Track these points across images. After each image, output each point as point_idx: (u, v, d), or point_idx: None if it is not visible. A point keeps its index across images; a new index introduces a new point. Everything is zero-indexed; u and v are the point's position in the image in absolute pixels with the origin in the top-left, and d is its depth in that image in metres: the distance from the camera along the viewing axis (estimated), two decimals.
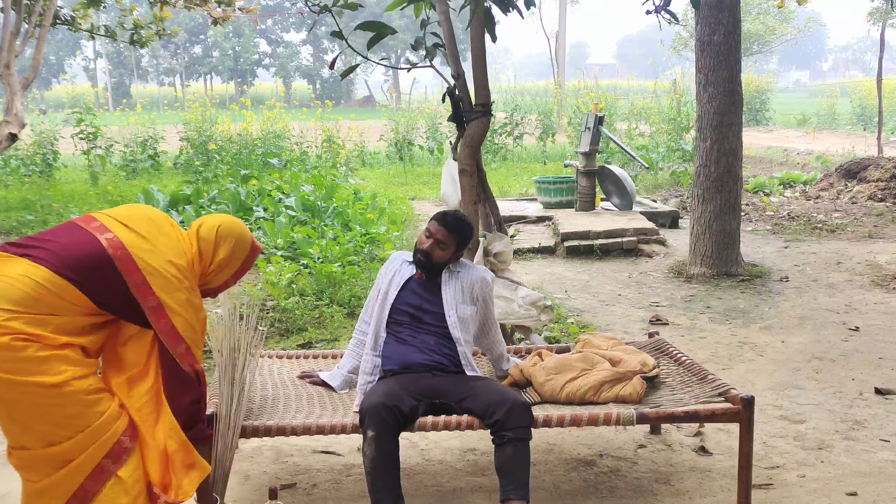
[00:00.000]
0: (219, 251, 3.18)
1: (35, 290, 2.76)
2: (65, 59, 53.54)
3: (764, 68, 37.55)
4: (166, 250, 3.00)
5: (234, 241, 3.20)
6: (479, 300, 3.85)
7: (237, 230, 3.24)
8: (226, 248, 3.19)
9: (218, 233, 3.18)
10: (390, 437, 3.31)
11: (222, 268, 3.21)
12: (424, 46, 5.21)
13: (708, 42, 7.80)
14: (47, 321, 2.77)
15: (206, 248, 3.17)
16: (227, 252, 3.19)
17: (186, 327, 2.97)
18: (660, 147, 16.07)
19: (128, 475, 2.93)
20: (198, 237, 3.17)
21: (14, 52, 8.88)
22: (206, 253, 3.17)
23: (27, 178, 13.55)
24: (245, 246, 3.25)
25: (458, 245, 3.81)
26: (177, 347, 2.95)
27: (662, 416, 3.53)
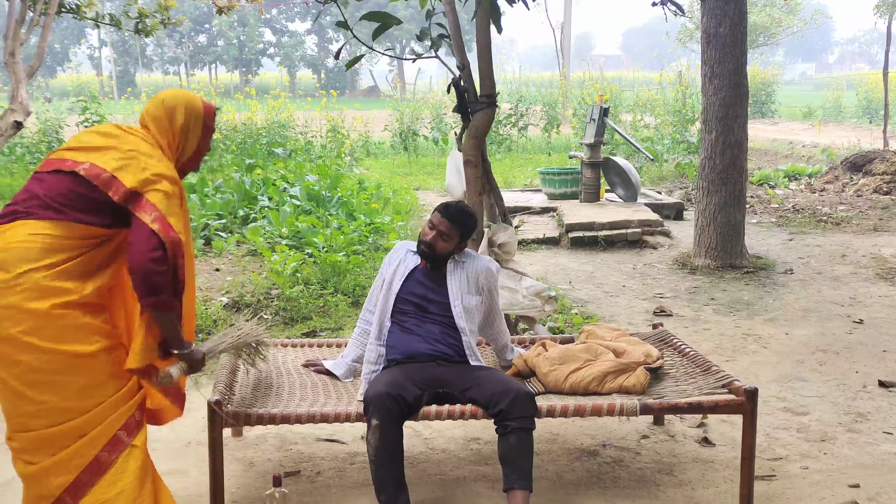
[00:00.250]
0: (175, 118, 3.12)
1: (48, 242, 2.81)
2: (70, 48, 53.48)
3: (769, 60, 37.46)
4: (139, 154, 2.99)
5: (183, 103, 3.15)
6: (484, 290, 3.86)
7: (181, 95, 3.20)
8: (180, 112, 3.13)
9: (165, 103, 3.14)
10: (394, 426, 3.32)
11: (187, 133, 3.16)
12: (430, 37, 5.20)
13: (714, 34, 7.78)
14: (70, 269, 2.83)
15: (163, 122, 3.12)
16: (183, 115, 3.14)
17: (160, 199, 2.90)
18: (665, 139, 16.05)
19: (141, 442, 3.00)
20: (151, 119, 3.13)
21: (19, 40, 8.89)
22: (164, 127, 3.12)
23: (32, 165, 13.55)
24: (196, 104, 3.18)
25: (461, 236, 3.82)
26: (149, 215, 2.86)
27: (666, 407, 3.54)
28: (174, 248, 2.87)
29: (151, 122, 3.12)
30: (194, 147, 3.21)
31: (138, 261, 2.82)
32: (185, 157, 3.19)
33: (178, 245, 2.88)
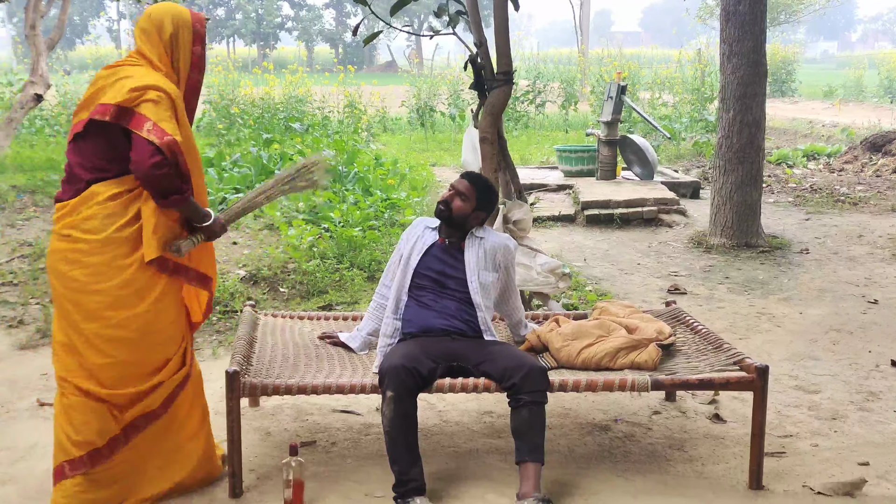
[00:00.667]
0: (163, 28, 3.25)
1: (124, 198, 3.16)
2: (88, 20, 53.58)
3: (791, 38, 37.11)
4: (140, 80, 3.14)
5: (170, 13, 3.27)
6: (500, 267, 3.89)
7: (168, 6, 3.31)
8: (167, 22, 3.25)
9: (152, 17, 3.27)
10: (409, 398, 3.38)
11: (177, 41, 3.28)
12: (447, 13, 5.22)
13: (733, 12, 7.74)
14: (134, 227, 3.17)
15: (152, 35, 3.26)
16: (171, 24, 3.26)
17: (149, 108, 3.07)
18: (683, 117, 15.98)
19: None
20: (140, 34, 3.28)
21: (39, 12, 8.96)
22: (154, 40, 3.25)
23: (52, 138, 13.64)
24: (183, 13, 3.31)
25: (478, 201, 3.84)
26: (143, 127, 3.04)
27: (677, 383, 3.58)
28: (170, 148, 3.05)
29: (140, 37, 3.29)
30: (188, 58, 3.32)
31: (141, 170, 3.05)
32: (182, 70, 3.32)
33: (173, 145, 3.06)
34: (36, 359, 5.04)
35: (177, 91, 3.21)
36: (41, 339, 5.31)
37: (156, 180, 3.05)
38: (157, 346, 3.26)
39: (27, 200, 9.20)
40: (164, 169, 3.04)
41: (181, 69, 3.31)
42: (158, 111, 3.07)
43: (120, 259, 3.14)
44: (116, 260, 3.14)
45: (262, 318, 4.39)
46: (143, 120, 3.04)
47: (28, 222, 8.29)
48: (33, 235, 7.66)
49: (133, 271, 3.16)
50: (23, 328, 5.52)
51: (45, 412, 4.28)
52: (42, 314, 5.68)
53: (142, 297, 3.18)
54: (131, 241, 3.16)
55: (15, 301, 5.95)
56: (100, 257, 3.13)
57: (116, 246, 3.14)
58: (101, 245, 3.13)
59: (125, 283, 3.15)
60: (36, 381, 4.70)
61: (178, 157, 3.09)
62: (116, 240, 3.14)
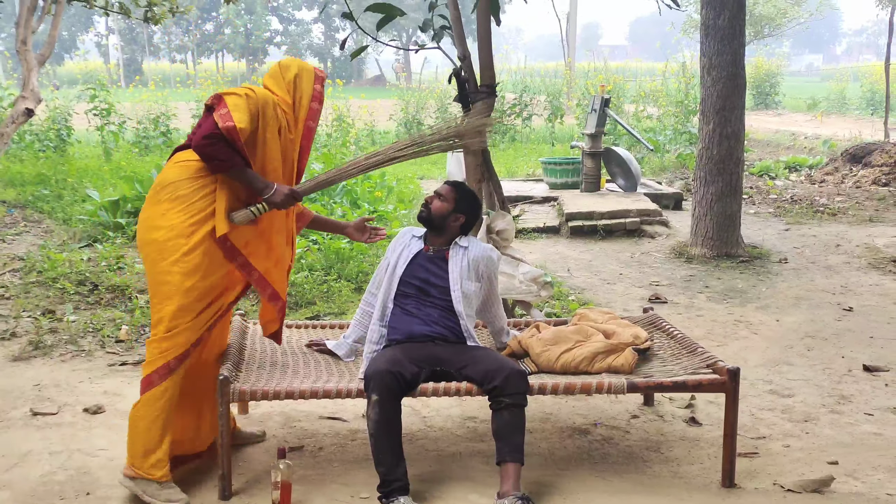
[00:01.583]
0: (288, 72, 3.75)
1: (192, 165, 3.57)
2: (77, 35, 53.63)
3: (775, 52, 37.45)
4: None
5: (295, 63, 3.80)
6: (483, 277, 3.99)
7: (293, 59, 3.84)
8: (292, 68, 3.77)
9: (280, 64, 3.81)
10: (393, 402, 3.50)
11: (299, 84, 3.75)
12: (432, 28, 5.36)
13: (712, 26, 7.92)
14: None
15: (276, 76, 3.76)
16: (295, 69, 3.76)
17: (233, 99, 3.48)
18: (667, 129, 16.18)
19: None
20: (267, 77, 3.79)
21: (30, 28, 9.06)
22: (279, 78, 3.75)
23: (42, 153, 13.72)
24: (307, 66, 3.80)
25: (456, 201, 3.98)
26: (218, 112, 3.45)
27: (652, 386, 3.72)
28: (229, 133, 3.42)
29: (268, 79, 3.78)
30: (309, 92, 3.76)
31: (194, 140, 3.48)
32: (300, 113, 3.76)
33: (232, 131, 3.42)
34: (28, 370, 5.14)
35: (274, 100, 3.62)
36: (33, 350, 5.41)
37: (200, 147, 3.44)
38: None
39: (17, 215, 9.28)
40: (210, 140, 3.41)
41: (300, 113, 3.76)
42: (237, 103, 3.46)
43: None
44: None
45: (251, 326, 4.50)
46: (222, 105, 3.45)
47: (19, 237, 8.38)
48: (24, 250, 7.75)
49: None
50: (15, 340, 5.61)
51: (39, 421, 4.39)
52: (34, 327, 5.78)
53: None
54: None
55: (7, 314, 6.04)
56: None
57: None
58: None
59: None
60: (29, 392, 4.79)
61: (235, 143, 3.44)
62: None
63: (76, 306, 6.19)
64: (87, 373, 5.09)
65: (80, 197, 9.60)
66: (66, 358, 5.33)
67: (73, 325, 5.78)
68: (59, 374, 5.05)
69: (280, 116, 3.64)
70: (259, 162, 3.60)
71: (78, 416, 4.46)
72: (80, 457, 3.97)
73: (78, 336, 5.62)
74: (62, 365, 5.22)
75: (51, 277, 6.64)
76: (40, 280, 6.67)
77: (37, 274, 6.81)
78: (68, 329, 5.73)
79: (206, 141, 3.43)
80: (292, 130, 3.73)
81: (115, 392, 4.78)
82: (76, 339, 5.58)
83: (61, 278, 6.59)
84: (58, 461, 3.92)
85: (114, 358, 5.34)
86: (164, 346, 3.47)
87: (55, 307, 6.15)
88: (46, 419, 4.42)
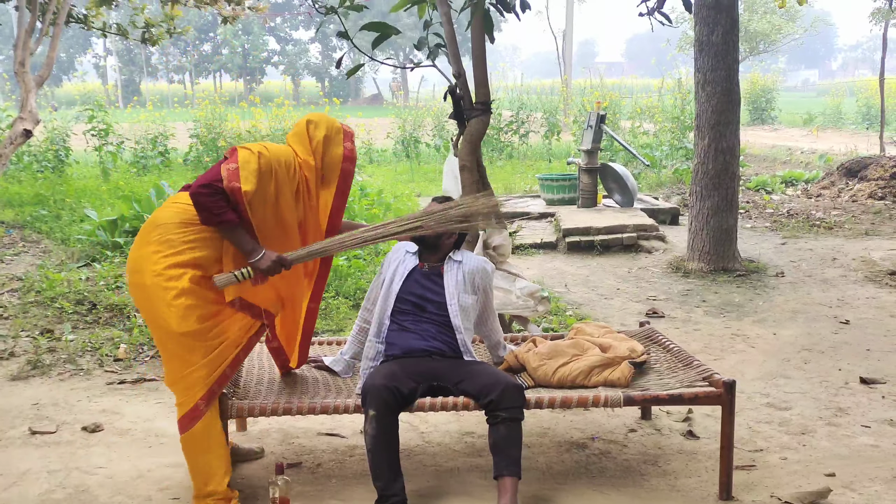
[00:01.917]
0: (316, 132, 3.71)
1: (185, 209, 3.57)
2: (75, 57, 53.86)
3: (771, 67, 37.57)
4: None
5: (323, 122, 3.75)
6: (479, 290, 4.01)
7: (322, 115, 3.81)
8: (321, 128, 3.72)
9: (308, 118, 3.77)
10: (390, 417, 3.51)
11: (328, 143, 3.72)
12: (427, 46, 5.40)
13: (706, 42, 7.97)
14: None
15: (302, 136, 3.71)
16: (324, 130, 3.72)
17: (245, 154, 3.48)
18: (663, 145, 16.23)
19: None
20: (293, 135, 3.75)
21: (28, 50, 9.10)
22: (304, 138, 3.71)
23: (40, 173, 13.75)
24: (335, 123, 3.76)
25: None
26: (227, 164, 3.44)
27: (648, 399, 3.73)
28: (232, 193, 3.40)
29: (292, 138, 3.75)
30: (338, 153, 3.72)
31: (194, 184, 3.43)
32: (330, 175, 3.74)
33: (236, 193, 3.40)
34: (27, 389, 5.15)
35: (291, 161, 3.59)
36: (32, 370, 5.42)
37: (196, 195, 3.40)
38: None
39: (16, 236, 9.30)
40: (207, 191, 3.38)
41: (331, 173, 3.74)
42: (249, 159, 3.44)
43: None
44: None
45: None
46: (233, 158, 3.45)
47: (17, 257, 8.39)
48: (23, 270, 7.76)
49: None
50: (14, 360, 5.62)
51: (37, 440, 4.39)
52: (32, 346, 5.79)
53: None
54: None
55: (6, 334, 6.05)
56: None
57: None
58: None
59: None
60: (27, 411, 4.80)
61: (238, 205, 3.42)
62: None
63: (74, 325, 6.20)
64: (85, 391, 5.09)
65: (79, 217, 9.62)
66: (64, 377, 5.34)
67: (72, 344, 5.79)
68: (57, 393, 5.06)
69: (297, 178, 3.60)
70: (266, 222, 3.54)
71: (76, 434, 4.47)
72: (78, 475, 3.98)
73: (76, 355, 5.63)
74: (60, 384, 5.23)
75: (49, 297, 6.65)
76: (39, 300, 6.69)
77: (35, 294, 6.82)
78: (67, 348, 5.74)
79: (203, 190, 3.39)
80: (313, 195, 3.69)
81: (113, 410, 4.79)
82: (74, 357, 5.59)
83: (60, 298, 6.60)
84: (56, 479, 3.92)
85: (112, 376, 5.35)
86: (184, 387, 3.47)
87: (53, 326, 6.16)
88: (45, 438, 4.43)
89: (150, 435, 4.44)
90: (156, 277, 3.42)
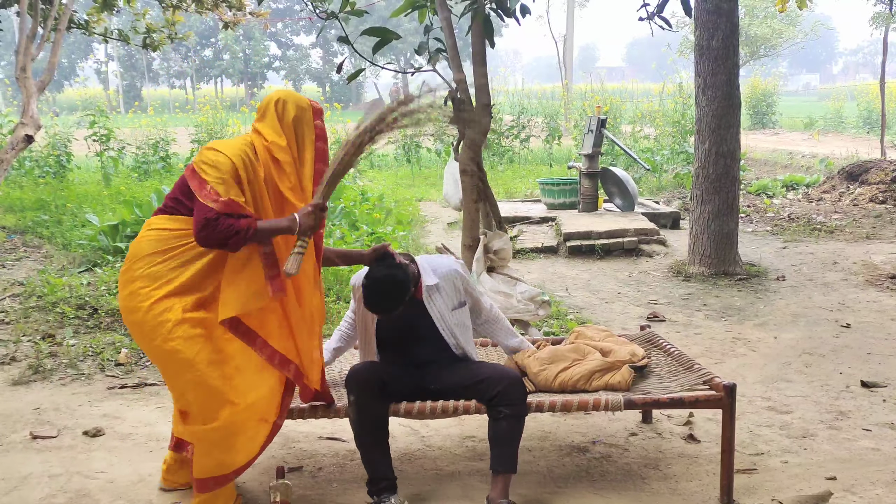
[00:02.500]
0: (285, 112, 3.50)
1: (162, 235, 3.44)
2: (77, 63, 53.94)
3: (772, 71, 37.61)
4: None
5: (292, 100, 3.54)
6: (461, 291, 3.86)
7: (289, 92, 3.60)
8: (290, 107, 3.50)
9: (275, 98, 3.54)
10: (370, 399, 3.52)
11: (298, 127, 3.51)
12: (428, 51, 5.42)
13: (706, 47, 7.98)
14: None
15: (271, 117, 3.50)
16: (293, 109, 3.51)
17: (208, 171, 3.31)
18: (664, 149, 16.24)
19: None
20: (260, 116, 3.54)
21: (30, 55, 9.12)
22: (273, 119, 3.49)
23: (41, 179, 13.77)
24: (303, 101, 3.55)
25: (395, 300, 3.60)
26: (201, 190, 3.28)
27: (649, 402, 3.73)
28: (229, 207, 3.25)
29: (259, 123, 3.54)
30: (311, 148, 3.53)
31: (198, 235, 3.27)
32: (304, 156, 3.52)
33: (230, 205, 3.25)
34: (28, 394, 5.15)
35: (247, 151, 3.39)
36: (33, 374, 5.42)
37: (206, 240, 3.27)
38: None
39: (17, 241, 9.31)
40: (214, 226, 3.23)
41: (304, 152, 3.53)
42: (215, 175, 3.29)
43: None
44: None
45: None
46: (203, 186, 3.29)
47: (19, 262, 8.40)
48: (24, 275, 7.77)
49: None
50: (15, 364, 5.62)
51: (38, 445, 4.40)
52: (34, 351, 5.79)
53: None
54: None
55: (7, 339, 6.06)
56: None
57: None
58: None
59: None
60: (29, 415, 4.81)
61: (239, 210, 3.28)
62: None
63: (76, 330, 6.20)
64: (86, 396, 5.10)
65: (80, 222, 9.63)
66: (65, 381, 5.35)
67: (73, 349, 5.79)
68: (58, 398, 5.07)
69: (262, 161, 3.42)
70: (267, 212, 3.42)
71: (77, 439, 4.47)
72: (79, 479, 3.98)
73: (77, 360, 5.64)
74: (62, 388, 5.24)
75: (50, 302, 6.66)
76: (40, 305, 6.69)
77: (36, 299, 6.83)
78: (68, 353, 5.75)
79: (205, 232, 3.25)
80: (290, 176, 3.47)
81: (114, 415, 4.79)
82: (76, 362, 5.60)
83: (61, 303, 6.60)
84: (57, 484, 3.93)
85: (113, 381, 5.35)
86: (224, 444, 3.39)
87: (55, 331, 6.17)
88: (46, 442, 4.43)
89: (152, 439, 4.45)
90: (147, 314, 3.32)
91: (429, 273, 3.76)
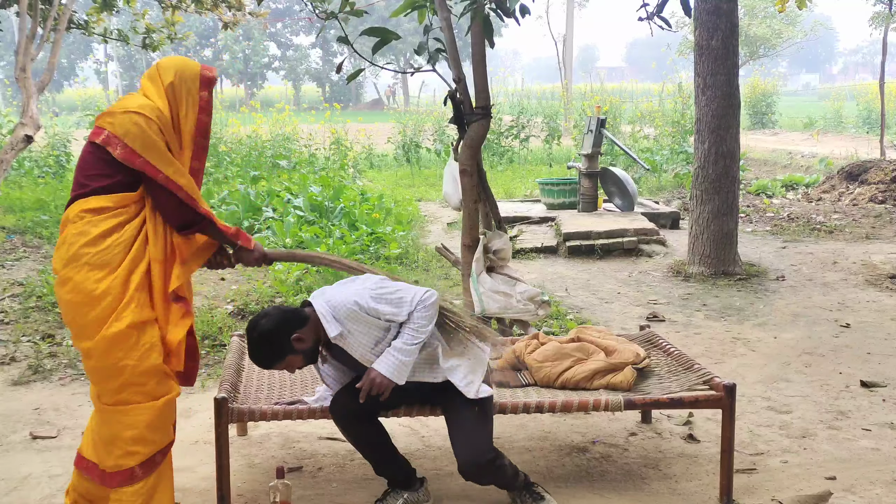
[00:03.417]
0: (165, 75, 3.25)
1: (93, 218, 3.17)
2: (76, 63, 53.93)
3: (772, 71, 37.63)
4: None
5: (173, 67, 3.28)
6: (369, 312, 3.33)
7: (176, 58, 3.33)
8: (170, 70, 3.26)
9: (159, 65, 3.30)
10: (354, 423, 3.51)
11: (179, 93, 3.26)
12: (427, 51, 5.42)
13: (706, 47, 7.98)
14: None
15: (156, 83, 3.27)
16: (172, 73, 3.26)
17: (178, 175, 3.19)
18: (664, 149, 16.24)
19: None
20: (146, 77, 3.32)
21: (30, 56, 9.13)
22: (157, 82, 3.26)
23: (41, 178, 13.79)
24: (188, 67, 3.30)
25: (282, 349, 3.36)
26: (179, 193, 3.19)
27: (649, 402, 3.73)
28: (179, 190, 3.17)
29: (146, 83, 3.31)
30: (193, 120, 3.30)
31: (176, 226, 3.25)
32: (185, 127, 3.29)
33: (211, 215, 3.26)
34: (28, 394, 5.15)
35: (145, 117, 3.15)
36: (33, 375, 5.42)
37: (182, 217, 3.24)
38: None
39: (17, 241, 9.31)
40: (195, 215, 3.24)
41: (185, 123, 3.30)
42: (157, 153, 3.15)
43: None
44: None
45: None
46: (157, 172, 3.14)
47: (18, 262, 8.40)
48: (24, 275, 7.77)
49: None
50: (15, 365, 5.63)
51: (38, 445, 4.40)
52: (33, 351, 5.79)
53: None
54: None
55: (7, 339, 6.06)
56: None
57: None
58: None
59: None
60: (29, 416, 4.81)
61: (179, 190, 3.19)
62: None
63: None
64: (86, 396, 5.09)
65: None
66: (65, 381, 5.35)
67: (73, 349, 5.79)
68: (58, 398, 5.07)
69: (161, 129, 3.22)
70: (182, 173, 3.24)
71: (77, 439, 4.46)
72: None
73: (77, 360, 5.63)
74: (62, 389, 5.24)
75: (50, 302, 6.66)
76: (40, 305, 6.70)
77: (36, 299, 6.83)
78: (67, 353, 5.75)
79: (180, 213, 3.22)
80: (174, 149, 3.25)
81: None
82: (75, 362, 5.60)
83: None
84: (57, 484, 3.92)
85: None
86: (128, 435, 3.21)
87: (54, 331, 6.17)
88: (46, 443, 4.43)
89: None
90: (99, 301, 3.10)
91: (330, 322, 3.31)
